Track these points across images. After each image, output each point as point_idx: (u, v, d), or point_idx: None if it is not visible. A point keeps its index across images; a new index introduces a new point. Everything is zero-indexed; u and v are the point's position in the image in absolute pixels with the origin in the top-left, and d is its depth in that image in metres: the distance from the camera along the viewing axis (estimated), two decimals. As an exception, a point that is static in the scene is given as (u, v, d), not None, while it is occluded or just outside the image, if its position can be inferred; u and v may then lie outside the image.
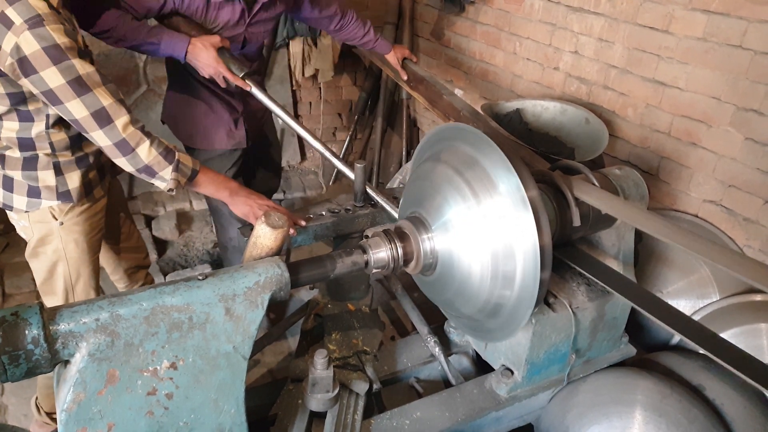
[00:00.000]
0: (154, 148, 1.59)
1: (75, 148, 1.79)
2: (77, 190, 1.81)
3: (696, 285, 2.33)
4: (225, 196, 1.75)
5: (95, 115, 1.52)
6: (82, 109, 1.51)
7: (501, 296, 1.40)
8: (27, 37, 1.42)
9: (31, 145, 1.71)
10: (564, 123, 2.85)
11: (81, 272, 1.92)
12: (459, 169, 1.43)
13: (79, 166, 1.80)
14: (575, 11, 2.88)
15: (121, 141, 1.55)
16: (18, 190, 1.76)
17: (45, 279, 1.93)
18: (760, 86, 2.17)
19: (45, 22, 1.43)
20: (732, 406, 1.74)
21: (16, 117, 1.65)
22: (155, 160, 1.60)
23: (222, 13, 2.10)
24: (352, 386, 1.65)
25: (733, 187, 2.34)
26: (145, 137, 1.59)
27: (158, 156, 1.60)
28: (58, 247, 1.86)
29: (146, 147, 1.58)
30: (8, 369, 1.09)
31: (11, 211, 1.82)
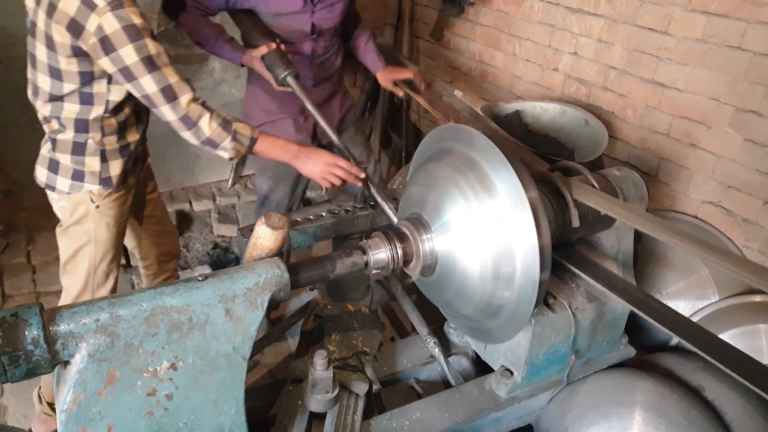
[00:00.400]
0: (213, 121, 1.72)
1: (120, 137, 1.92)
2: (117, 177, 1.94)
3: (695, 286, 2.34)
4: (288, 158, 1.88)
5: (163, 91, 1.66)
6: (152, 85, 1.65)
7: (500, 297, 1.40)
8: (109, 17, 1.57)
9: (85, 129, 1.84)
10: (564, 124, 2.85)
11: (105, 255, 2.03)
12: (459, 169, 1.44)
13: (122, 155, 1.94)
14: (575, 12, 2.89)
15: (185, 116, 1.70)
16: (63, 173, 1.90)
17: (70, 258, 2.06)
18: (759, 87, 2.17)
19: (124, 4, 1.58)
20: (731, 406, 1.74)
21: (78, 99, 1.79)
22: (215, 133, 1.73)
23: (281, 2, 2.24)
24: (351, 387, 1.65)
25: (732, 188, 2.35)
26: (206, 111, 1.72)
27: (218, 128, 1.73)
28: (90, 228, 1.97)
29: (207, 120, 1.71)
30: (8, 370, 1.09)
31: (53, 191, 1.95)
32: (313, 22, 2.34)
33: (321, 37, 2.42)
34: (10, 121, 3.47)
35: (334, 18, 2.40)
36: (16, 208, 3.65)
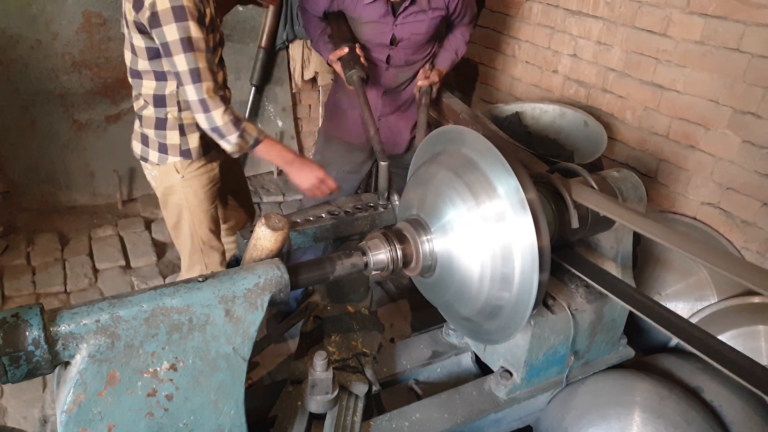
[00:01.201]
0: (226, 115, 1.86)
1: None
2: (196, 149, 2.09)
3: (694, 287, 2.34)
4: (282, 164, 2.05)
5: (191, 72, 1.80)
6: (183, 64, 1.79)
7: (500, 298, 1.41)
8: None
9: (163, 104, 2.00)
10: (563, 126, 2.86)
11: (202, 219, 2.21)
12: (458, 171, 1.44)
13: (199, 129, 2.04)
14: (574, 14, 2.90)
15: (203, 100, 1.83)
16: (152, 146, 2.08)
17: (174, 224, 2.24)
18: (758, 89, 2.18)
19: None
20: (730, 407, 1.74)
21: (153, 75, 1.95)
22: (225, 125, 1.86)
23: (368, 10, 2.35)
24: (351, 388, 1.65)
25: (731, 190, 2.35)
26: (222, 104, 1.85)
27: (228, 122, 1.86)
28: (180, 197, 2.16)
29: (221, 112, 1.85)
30: (9, 370, 1.09)
31: (146, 162, 2.12)
32: (394, 33, 2.40)
33: (402, 49, 2.46)
34: (11, 122, 3.47)
35: (419, 35, 2.42)
36: (16, 209, 3.65)
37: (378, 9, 2.35)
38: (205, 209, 2.21)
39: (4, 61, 3.34)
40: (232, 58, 3.92)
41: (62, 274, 3.19)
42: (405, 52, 2.47)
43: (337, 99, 2.68)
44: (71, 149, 3.66)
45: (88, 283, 3.16)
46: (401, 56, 2.48)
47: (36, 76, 3.41)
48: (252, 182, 4.23)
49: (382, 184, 2.06)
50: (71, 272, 3.22)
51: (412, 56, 2.50)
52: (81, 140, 3.66)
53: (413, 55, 2.50)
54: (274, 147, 2.01)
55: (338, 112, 2.67)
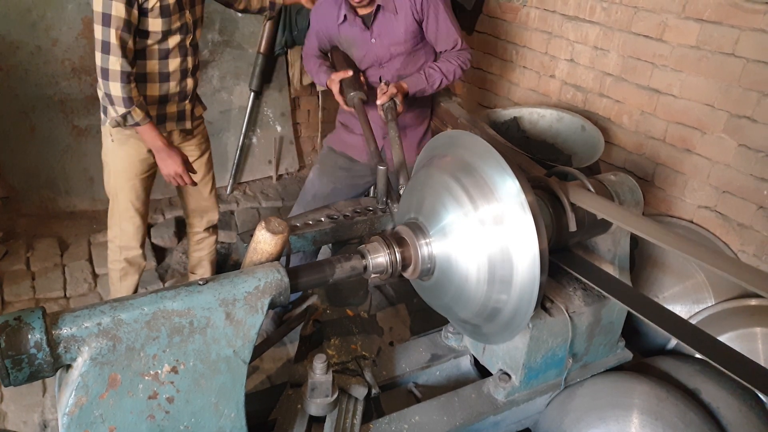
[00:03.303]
0: (121, 90, 2.10)
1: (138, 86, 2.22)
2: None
3: (691, 290, 2.35)
4: (153, 148, 2.30)
5: (103, 43, 2.07)
6: (98, 34, 2.07)
7: (498, 300, 1.42)
8: None
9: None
10: (561, 130, 2.87)
11: (123, 185, 2.44)
12: (456, 174, 1.45)
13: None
14: (571, 20, 2.92)
15: (105, 69, 2.09)
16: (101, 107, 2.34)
17: (105, 183, 2.50)
18: (753, 93, 2.20)
19: None
20: (728, 409, 1.75)
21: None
22: (117, 97, 2.11)
23: (345, 31, 2.46)
24: (351, 391, 1.65)
25: (727, 193, 2.37)
26: (122, 81, 2.10)
27: (120, 97, 2.11)
28: (109, 158, 2.42)
29: (118, 86, 2.10)
30: (11, 373, 1.10)
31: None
32: (376, 47, 2.44)
33: (390, 65, 2.48)
34: (10, 128, 3.49)
35: (398, 45, 2.44)
36: (16, 215, 3.66)
37: (352, 26, 2.43)
38: (128, 177, 2.42)
39: (4, 67, 3.35)
40: (231, 63, 3.94)
41: (62, 279, 3.20)
42: (394, 66, 2.49)
43: (345, 118, 2.73)
44: (71, 155, 3.67)
45: (88, 288, 3.16)
46: (392, 72, 2.50)
47: (36, 82, 3.42)
48: (251, 187, 4.25)
49: (380, 189, 2.07)
50: (71, 277, 3.22)
51: (404, 70, 2.50)
52: (80, 146, 3.67)
53: (405, 69, 2.50)
54: (150, 133, 2.24)
55: (347, 129, 2.72)
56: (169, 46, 2.27)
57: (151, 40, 2.21)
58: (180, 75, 2.35)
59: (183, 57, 2.33)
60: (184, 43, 2.31)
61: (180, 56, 2.32)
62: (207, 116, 3.97)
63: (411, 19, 2.40)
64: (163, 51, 2.26)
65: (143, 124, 2.20)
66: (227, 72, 3.96)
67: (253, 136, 4.22)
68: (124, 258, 2.59)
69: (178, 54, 2.30)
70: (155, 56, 2.26)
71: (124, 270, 2.61)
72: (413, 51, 2.50)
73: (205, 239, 2.84)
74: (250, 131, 4.18)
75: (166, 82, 2.33)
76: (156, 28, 2.18)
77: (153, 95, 2.32)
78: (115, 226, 2.55)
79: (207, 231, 2.82)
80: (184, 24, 2.27)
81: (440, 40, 2.48)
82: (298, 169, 4.47)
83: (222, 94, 4.01)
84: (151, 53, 2.25)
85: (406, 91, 2.37)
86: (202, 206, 2.76)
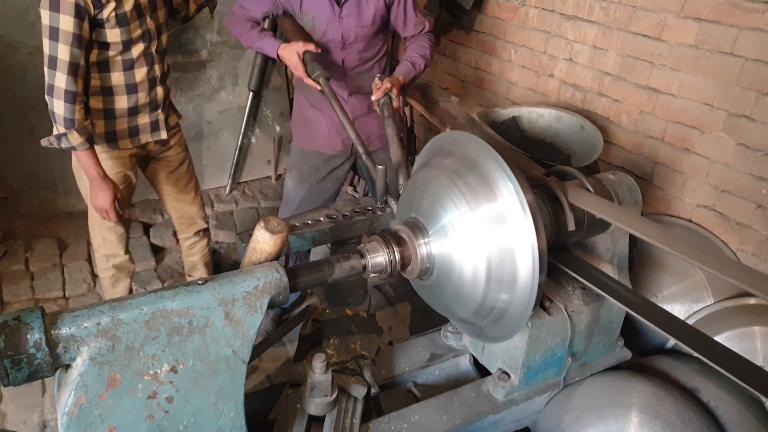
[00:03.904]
0: (64, 111, 2.01)
1: (106, 99, 2.19)
2: (100, 135, 2.23)
3: (690, 289, 2.35)
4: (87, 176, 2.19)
5: (50, 58, 1.97)
6: (46, 48, 1.96)
7: (497, 300, 1.42)
8: None
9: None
10: (559, 130, 2.87)
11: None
12: (456, 174, 1.45)
13: (106, 116, 2.22)
14: (569, 19, 2.92)
15: (51, 85, 2.00)
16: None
17: (83, 194, 2.39)
18: (752, 92, 2.20)
19: None
20: (727, 408, 1.75)
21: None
22: (59, 116, 2.02)
23: (311, 4, 2.35)
24: (350, 390, 1.66)
25: (726, 192, 2.37)
26: (66, 100, 1.99)
27: (61, 117, 2.01)
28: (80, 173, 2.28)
29: (61, 104, 2.00)
30: (10, 373, 1.10)
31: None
32: (343, 28, 2.38)
33: (353, 47, 2.45)
34: (9, 129, 3.48)
35: (365, 27, 2.41)
36: (15, 215, 3.66)
37: (322, 1, 2.33)
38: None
39: (3, 67, 3.35)
40: (229, 63, 3.94)
41: (61, 280, 3.20)
42: (357, 48, 2.45)
43: (303, 112, 2.64)
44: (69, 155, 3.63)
45: (87, 288, 3.17)
46: (354, 54, 2.46)
47: (34, 82, 3.42)
48: (250, 187, 4.25)
49: (379, 188, 2.07)
50: (70, 277, 3.22)
51: (365, 53, 2.48)
52: (79, 146, 3.67)
53: (365, 52, 2.48)
54: (86, 161, 2.13)
55: (307, 124, 2.64)
56: (133, 56, 2.17)
57: (112, 51, 2.11)
58: (148, 84, 2.26)
59: (149, 65, 2.23)
60: (149, 51, 2.22)
61: (146, 65, 2.22)
62: (206, 116, 4.00)
63: (381, 2, 2.39)
64: (127, 61, 2.17)
65: (80, 149, 2.09)
66: (226, 72, 3.97)
67: (251, 135, 4.22)
68: (112, 265, 2.56)
69: (143, 63, 2.21)
70: (119, 67, 2.16)
71: (114, 276, 2.59)
72: (376, 34, 2.48)
73: (197, 243, 2.81)
74: (249, 131, 4.18)
75: (134, 93, 2.24)
76: (115, 39, 2.08)
77: (122, 107, 2.24)
78: (97, 236, 2.50)
79: (197, 235, 2.80)
80: (146, 31, 2.18)
81: (409, 24, 2.49)
82: (297, 169, 4.47)
83: (221, 94, 4.01)
84: (115, 65, 2.15)
85: (402, 83, 2.36)
86: (187, 213, 2.73)
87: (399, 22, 2.49)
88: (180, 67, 3.78)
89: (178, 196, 2.66)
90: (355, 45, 2.45)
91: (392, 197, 2.05)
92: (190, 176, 2.67)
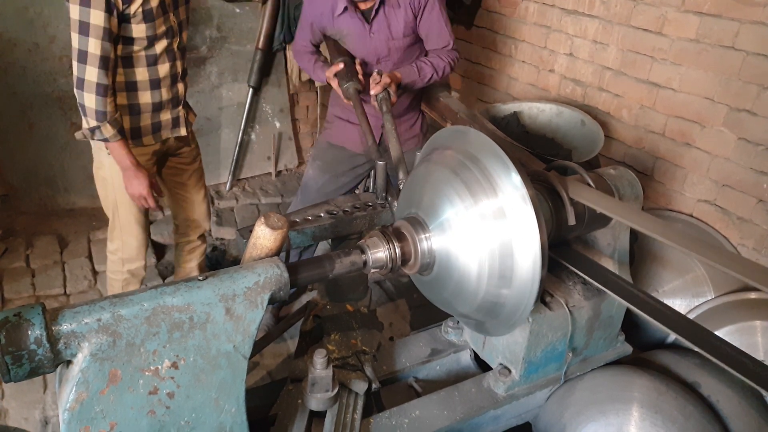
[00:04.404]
0: (95, 103, 2.02)
1: (130, 94, 2.19)
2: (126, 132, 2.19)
3: (691, 284, 2.35)
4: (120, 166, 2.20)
5: (80, 52, 1.98)
6: (75, 43, 1.97)
7: (498, 295, 1.42)
8: None
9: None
10: (560, 125, 2.87)
11: (123, 199, 2.33)
12: (456, 169, 1.45)
13: (131, 112, 2.22)
14: (570, 14, 2.91)
15: (81, 79, 2.01)
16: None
17: (102, 198, 2.42)
18: (753, 86, 2.20)
19: None
20: (727, 402, 1.75)
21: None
22: (90, 109, 2.03)
23: (342, 24, 2.41)
24: (351, 386, 1.66)
25: (726, 187, 2.37)
26: (97, 93, 2.01)
27: (93, 110, 2.03)
28: (106, 173, 2.31)
29: (92, 98, 2.01)
30: (11, 369, 1.10)
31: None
32: (374, 42, 2.41)
33: (387, 60, 2.47)
34: (9, 126, 3.48)
35: (397, 41, 2.43)
36: (15, 212, 3.66)
37: (351, 18, 2.38)
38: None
39: (2, 64, 3.35)
40: (229, 59, 3.94)
41: (62, 277, 3.20)
42: (392, 61, 2.49)
43: (338, 111, 2.70)
44: (69, 152, 3.67)
45: (88, 285, 3.17)
46: (390, 67, 2.49)
47: (34, 79, 3.42)
48: (250, 183, 4.25)
49: (380, 184, 2.07)
50: (70, 274, 3.22)
51: (401, 65, 2.49)
52: (79, 143, 3.64)
53: (401, 64, 2.50)
54: (120, 151, 2.15)
55: (341, 122, 2.69)
56: (157, 52, 2.18)
57: (137, 46, 2.12)
58: (170, 80, 2.28)
59: (172, 62, 2.25)
60: (171, 48, 2.23)
61: (169, 61, 2.24)
62: (205, 113, 4.00)
63: (410, 13, 2.40)
64: (150, 57, 2.18)
65: (113, 141, 2.11)
66: (225, 68, 3.96)
67: (251, 132, 4.21)
68: (127, 270, 2.54)
69: (166, 59, 2.22)
70: (143, 63, 2.17)
71: (126, 281, 2.57)
72: (410, 46, 2.49)
73: (197, 248, 2.79)
74: (249, 127, 4.17)
75: (157, 89, 2.25)
76: (141, 34, 2.09)
77: (146, 103, 2.25)
78: (116, 239, 2.49)
79: (200, 239, 2.78)
80: (170, 27, 2.19)
81: (432, 36, 2.48)
82: (297, 165, 4.47)
83: (220, 91, 4.01)
84: (139, 60, 2.16)
85: (399, 80, 2.36)
86: (196, 213, 2.71)
87: (424, 32, 2.48)
88: (179, 64, 3.77)
89: (188, 196, 2.64)
90: (389, 58, 2.48)
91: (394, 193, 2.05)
92: (200, 175, 2.67)
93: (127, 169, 2.19)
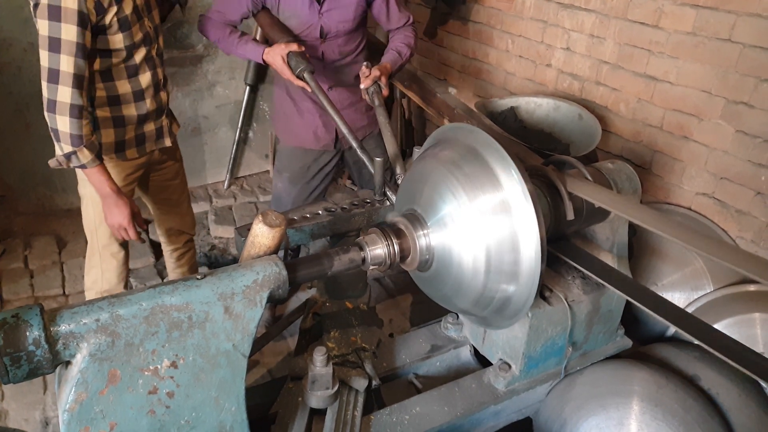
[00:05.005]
0: (70, 128, 1.85)
1: (113, 108, 2.07)
2: (109, 145, 2.11)
3: (690, 277, 2.36)
4: (99, 194, 2.04)
5: (50, 71, 1.81)
6: (45, 61, 1.81)
7: (497, 290, 1.42)
8: None
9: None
10: (557, 119, 2.87)
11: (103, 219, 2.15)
12: (454, 165, 1.45)
13: (115, 125, 2.09)
14: (566, 8, 2.91)
15: (52, 101, 1.84)
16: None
17: (84, 217, 2.26)
18: (750, 79, 2.19)
19: None
20: (727, 395, 1.76)
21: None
22: (63, 134, 1.86)
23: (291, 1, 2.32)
24: (351, 383, 1.66)
25: (725, 180, 2.37)
26: (71, 115, 1.84)
27: (68, 134, 1.86)
28: (88, 189, 2.15)
29: (66, 120, 1.85)
30: (10, 370, 1.09)
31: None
32: (322, 24, 2.37)
33: (333, 41, 2.43)
34: (5, 126, 3.47)
35: (347, 22, 2.40)
36: (13, 213, 3.65)
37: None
38: None
39: (-2, 64, 3.34)
40: (225, 57, 3.92)
41: (60, 277, 3.20)
42: (336, 42, 2.44)
43: (285, 109, 2.62)
44: (67, 152, 3.65)
45: (87, 285, 3.16)
46: (334, 49, 2.45)
47: (29, 79, 3.40)
48: (248, 181, 4.24)
49: (378, 180, 2.06)
50: (69, 275, 3.22)
51: (345, 47, 2.47)
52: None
53: (345, 46, 2.47)
54: (98, 177, 1.99)
55: (289, 120, 2.62)
56: (137, 62, 2.06)
57: (116, 58, 2.00)
58: (153, 90, 2.17)
59: (153, 70, 2.14)
60: (150, 55, 2.12)
61: (149, 69, 2.12)
62: (203, 111, 3.99)
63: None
64: (131, 68, 2.06)
65: (90, 167, 1.94)
66: (222, 66, 3.95)
67: (249, 130, 4.21)
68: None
69: (147, 68, 2.11)
70: (124, 75, 2.05)
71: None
72: (356, 29, 2.48)
73: (185, 254, 2.74)
74: (246, 126, 4.17)
75: (142, 101, 2.13)
76: (118, 45, 1.96)
77: (131, 115, 2.12)
78: (94, 269, 2.33)
79: (186, 245, 2.73)
80: (146, 34, 2.07)
81: (392, 18, 2.49)
82: (295, 163, 4.46)
83: (217, 89, 4.00)
84: (119, 72, 2.04)
85: (389, 71, 2.34)
86: (180, 223, 2.64)
87: (382, 16, 2.49)
88: (176, 63, 3.76)
89: (171, 209, 2.57)
90: (335, 39, 2.44)
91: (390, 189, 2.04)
92: (184, 185, 2.59)
93: (107, 196, 2.03)
